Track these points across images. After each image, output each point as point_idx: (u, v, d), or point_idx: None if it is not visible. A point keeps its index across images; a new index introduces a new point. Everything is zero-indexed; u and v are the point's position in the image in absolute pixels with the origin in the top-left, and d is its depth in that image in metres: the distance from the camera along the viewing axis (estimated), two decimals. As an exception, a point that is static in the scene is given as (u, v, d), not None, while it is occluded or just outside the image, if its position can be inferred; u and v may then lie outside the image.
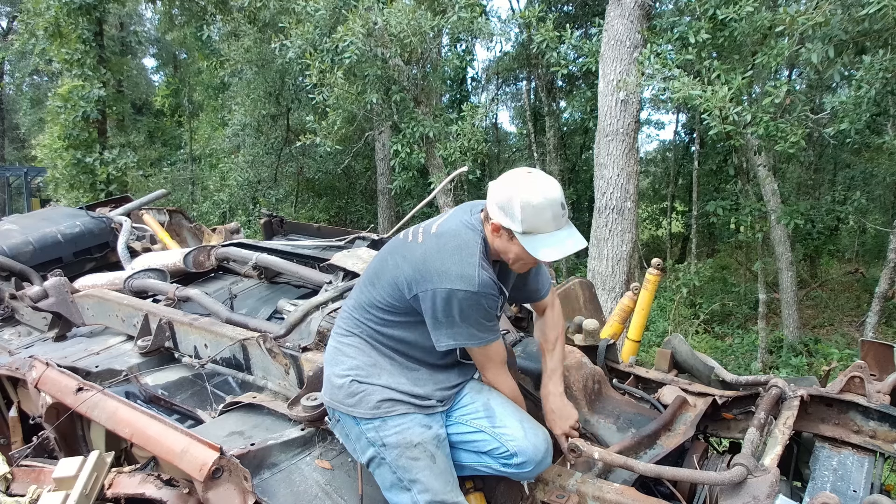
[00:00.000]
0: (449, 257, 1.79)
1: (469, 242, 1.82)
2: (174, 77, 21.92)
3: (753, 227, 10.57)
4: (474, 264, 1.77)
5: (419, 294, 1.80)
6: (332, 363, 1.98)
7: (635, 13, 6.91)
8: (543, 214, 1.75)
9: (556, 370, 2.16)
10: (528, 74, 17.17)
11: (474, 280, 1.76)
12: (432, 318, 1.82)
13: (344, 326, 2.02)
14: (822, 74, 7.39)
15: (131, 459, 2.34)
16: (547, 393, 2.14)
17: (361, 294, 1.99)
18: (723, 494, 1.80)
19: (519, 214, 1.74)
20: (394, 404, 1.87)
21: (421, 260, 1.81)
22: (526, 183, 1.77)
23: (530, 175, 1.79)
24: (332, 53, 8.75)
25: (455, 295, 1.76)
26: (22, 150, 23.25)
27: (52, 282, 3.31)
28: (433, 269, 1.78)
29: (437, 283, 1.77)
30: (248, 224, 13.24)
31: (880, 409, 2.17)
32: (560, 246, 1.78)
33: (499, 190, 1.80)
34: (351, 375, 1.91)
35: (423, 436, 1.86)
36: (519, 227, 1.76)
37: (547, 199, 1.75)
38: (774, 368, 9.35)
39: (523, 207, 1.74)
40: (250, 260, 3.62)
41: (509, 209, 1.76)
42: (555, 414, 2.10)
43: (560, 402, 2.12)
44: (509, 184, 1.79)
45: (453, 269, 1.77)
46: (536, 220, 1.75)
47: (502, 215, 1.78)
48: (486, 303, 1.80)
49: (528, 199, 1.74)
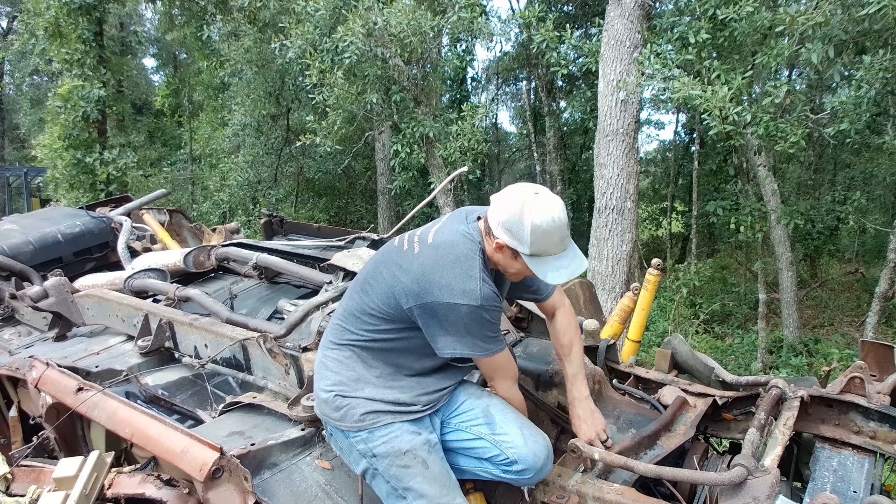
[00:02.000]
0: (449, 270, 1.76)
1: (468, 255, 1.79)
2: (174, 77, 21.91)
3: (753, 227, 10.58)
4: (476, 278, 1.76)
5: (417, 306, 1.78)
6: (319, 378, 1.97)
7: (635, 13, 6.90)
8: (552, 237, 1.74)
9: (578, 374, 2.15)
10: (528, 74, 17.17)
11: (477, 294, 1.74)
12: (432, 329, 1.80)
13: (330, 338, 2.00)
14: (822, 74, 7.39)
15: (131, 459, 2.34)
16: (573, 398, 2.14)
17: (351, 301, 1.97)
18: (723, 495, 1.80)
19: (528, 238, 1.72)
20: (378, 415, 1.86)
21: (419, 272, 1.79)
22: (535, 204, 1.73)
23: (538, 196, 1.75)
24: (332, 53, 8.75)
25: (458, 309, 1.74)
26: (22, 150, 23.26)
27: (52, 282, 3.31)
28: (434, 283, 1.76)
29: (438, 296, 1.75)
30: (248, 224, 13.23)
31: (880, 410, 2.17)
32: (567, 268, 1.79)
33: (504, 209, 1.76)
34: (335, 391, 1.90)
35: (412, 442, 1.84)
36: (527, 249, 1.74)
37: (556, 223, 1.73)
38: (774, 369, 9.35)
39: (533, 231, 1.71)
40: (250, 260, 3.62)
41: (517, 231, 1.73)
42: (581, 420, 2.10)
43: (587, 407, 2.12)
44: (516, 204, 1.74)
45: (455, 283, 1.75)
46: (545, 243, 1.74)
47: (509, 237, 1.75)
48: (489, 315, 1.79)
49: (539, 223, 1.71)
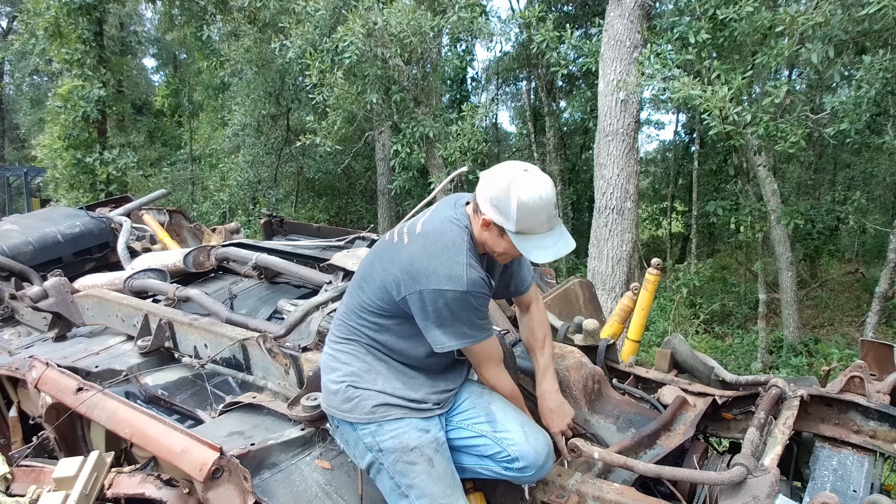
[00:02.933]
0: (437, 258, 1.76)
1: (455, 240, 1.79)
2: (174, 77, 21.91)
3: (753, 227, 10.58)
4: (462, 263, 1.75)
5: (408, 296, 1.78)
6: (328, 370, 1.97)
7: (635, 13, 6.91)
8: (539, 216, 1.72)
9: (549, 367, 2.15)
10: (528, 74, 17.16)
11: (463, 279, 1.74)
12: (423, 319, 1.80)
13: (337, 333, 2.00)
14: (822, 74, 7.39)
15: (131, 459, 2.34)
16: (543, 391, 2.13)
17: (352, 299, 1.97)
18: (723, 494, 1.80)
19: (514, 214, 1.70)
20: (389, 409, 1.86)
21: (408, 262, 1.78)
22: (522, 181, 1.71)
23: (527, 173, 1.73)
24: (332, 53, 8.75)
25: (444, 295, 1.73)
26: (22, 150, 23.25)
27: (52, 282, 3.31)
28: (421, 271, 1.75)
29: (425, 283, 1.74)
30: (248, 224, 13.23)
31: (880, 409, 2.17)
32: (553, 248, 1.76)
33: (492, 185, 1.74)
34: (346, 381, 1.90)
35: (419, 440, 1.84)
36: (513, 226, 1.72)
37: (543, 200, 1.71)
38: (774, 368, 9.35)
39: (519, 208, 1.69)
40: (250, 260, 3.62)
41: (504, 208, 1.72)
42: (552, 412, 2.09)
43: (557, 399, 2.11)
44: (504, 180, 1.73)
45: (441, 269, 1.74)
46: (531, 220, 1.72)
47: (495, 213, 1.74)
48: (475, 302, 1.78)
49: (525, 200, 1.69)
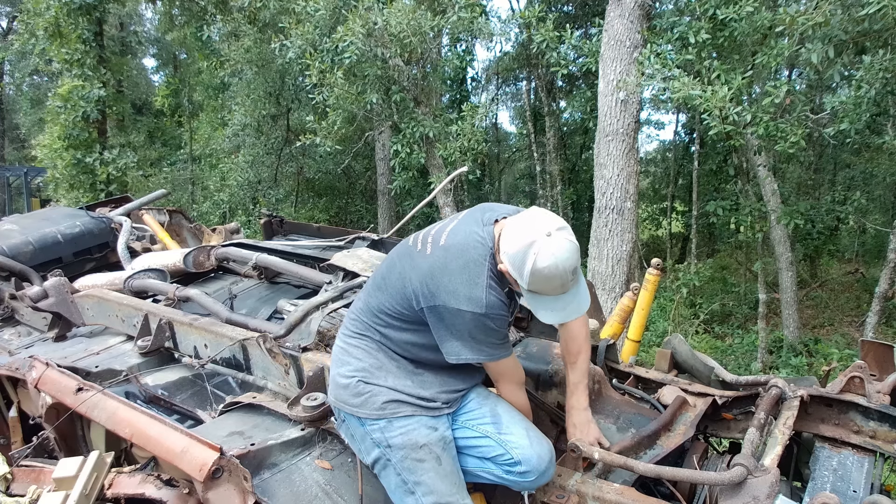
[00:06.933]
0: (457, 276, 1.76)
1: (477, 260, 1.78)
2: (174, 77, 21.89)
3: (753, 227, 10.56)
4: (482, 286, 1.75)
5: (426, 308, 1.80)
6: (339, 364, 1.97)
7: (635, 13, 6.90)
8: (552, 282, 1.72)
9: (580, 383, 2.16)
10: (528, 74, 17.16)
11: (482, 302, 1.74)
12: (440, 332, 1.82)
13: (351, 328, 2.01)
14: (822, 74, 7.37)
15: (131, 459, 2.34)
16: (570, 407, 2.14)
17: (370, 298, 1.98)
18: (723, 495, 1.80)
19: (527, 278, 1.71)
20: (399, 405, 1.87)
21: (428, 274, 1.79)
22: (542, 247, 1.69)
23: (548, 239, 1.70)
24: (332, 53, 8.75)
25: (462, 315, 1.75)
26: (22, 150, 23.25)
27: (52, 282, 3.31)
28: (441, 286, 1.76)
29: (444, 300, 1.76)
30: (248, 224, 13.22)
31: (880, 410, 2.17)
32: (563, 311, 1.79)
33: (513, 241, 1.74)
34: (357, 376, 1.90)
35: (428, 437, 1.86)
36: (525, 286, 1.75)
37: (559, 270, 1.70)
38: (774, 368, 9.35)
39: (532, 273, 1.70)
40: (250, 260, 3.62)
41: (518, 268, 1.72)
42: (576, 429, 2.10)
43: (583, 416, 2.12)
44: (525, 240, 1.71)
45: (461, 289, 1.75)
46: (544, 286, 1.73)
47: (511, 268, 1.75)
48: (493, 324, 1.79)
49: (540, 268, 1.69)
